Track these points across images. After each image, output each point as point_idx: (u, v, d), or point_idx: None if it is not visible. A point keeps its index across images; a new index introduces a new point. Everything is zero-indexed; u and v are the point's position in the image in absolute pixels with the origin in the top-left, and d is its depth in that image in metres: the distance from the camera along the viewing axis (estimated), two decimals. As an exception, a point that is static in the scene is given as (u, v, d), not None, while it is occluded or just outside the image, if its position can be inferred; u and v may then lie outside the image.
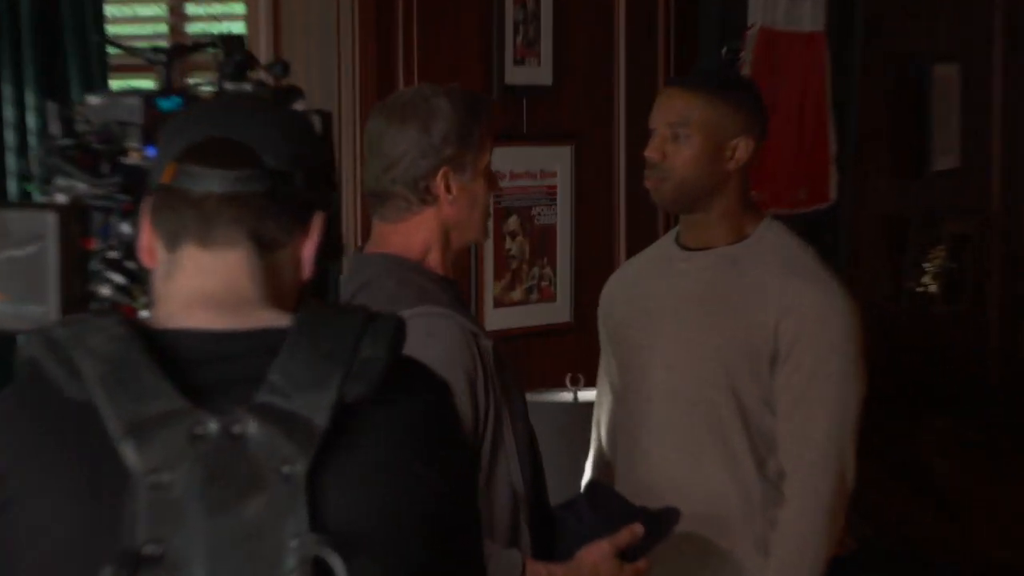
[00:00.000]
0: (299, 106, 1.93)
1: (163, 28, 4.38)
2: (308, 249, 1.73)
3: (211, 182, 1.68)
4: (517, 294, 4.53)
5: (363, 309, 1.68)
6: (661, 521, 2.81)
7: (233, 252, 1.70)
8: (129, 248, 1.83)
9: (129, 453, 1.57)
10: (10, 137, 3.51)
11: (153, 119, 1.86)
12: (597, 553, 2.73)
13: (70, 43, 3.64)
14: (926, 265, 5.88)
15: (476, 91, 2.85)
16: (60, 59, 3.63)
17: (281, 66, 1.98)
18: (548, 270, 4.61)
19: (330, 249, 1.77)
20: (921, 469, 5.54)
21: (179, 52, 1.98)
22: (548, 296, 4.62)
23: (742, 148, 3.18)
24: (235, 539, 1.57)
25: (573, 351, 4.48)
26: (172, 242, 1.71)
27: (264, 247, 1.70)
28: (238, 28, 4.27)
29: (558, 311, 4.64)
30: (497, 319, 4.45)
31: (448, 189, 2.74)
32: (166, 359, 1.62)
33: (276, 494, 1.58)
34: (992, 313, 6.36)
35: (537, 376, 4.35)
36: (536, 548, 2.75)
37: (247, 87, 1.92)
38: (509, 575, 2.65)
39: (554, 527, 2.80)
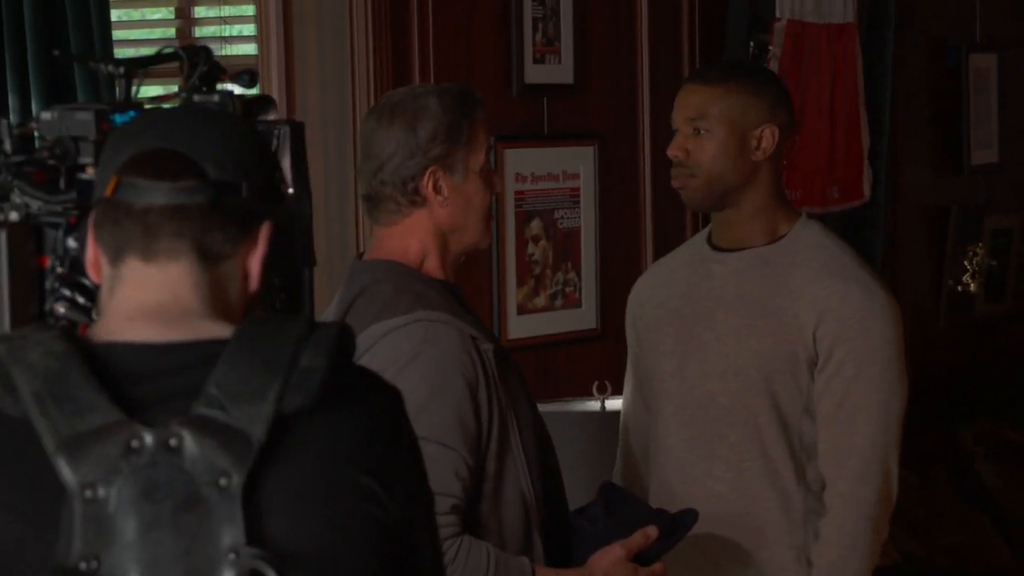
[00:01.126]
0: (270, 116, 1.91)
1: (171, 32, 4.34)
2: (255, 260, 1.74)
3: (153, 194, 1.69)
4: (541, 300, 4.50)
5: (307, 318, 1.69)
6: (677, 522, 2.79)
7: (176, 265, 1.71)
8: (76, 263, 1.83)
9: (63, 468, 1.60)
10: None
11: (106, 134, 1.84)
12: (609, 557, 2.72)
13: (75, 50, 3.63)
14: (966, 263, 5.82)
15: (469, 87, 2.82)
16: (66, 67, 3.61)
17: (248, 76, 1.98)
18: (573, 275, 4.58)
19: (302, 258, 1.78)
20: (967, 476, 5.45)
21: (137, 64, 1.97)
22: (573, 302, 4.58)
23: (768, 136, 3.13)
24: (171, 554, 1.60)
25: (600, 358, 4.47)
26: (115, 256, 1.72)
27: (208, 259, 1.71)
28: (248, 30, 4.24)
29: (584, 317, 4.60)
30: (521, 326, 4.43)
31: (437, 190, 2.72)
32: (104, 373, 1.64)
33: (213, 508, 1.60)
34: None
35: (563, 385, 4.36)
36: (551, 556, 2.74)
37: (214, 98, 1.91)
38: None
39: (569, 533, 2.79)
